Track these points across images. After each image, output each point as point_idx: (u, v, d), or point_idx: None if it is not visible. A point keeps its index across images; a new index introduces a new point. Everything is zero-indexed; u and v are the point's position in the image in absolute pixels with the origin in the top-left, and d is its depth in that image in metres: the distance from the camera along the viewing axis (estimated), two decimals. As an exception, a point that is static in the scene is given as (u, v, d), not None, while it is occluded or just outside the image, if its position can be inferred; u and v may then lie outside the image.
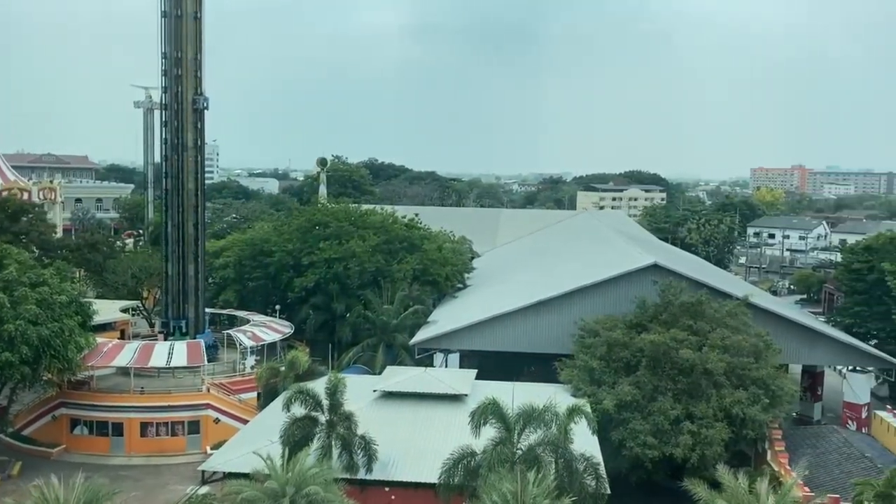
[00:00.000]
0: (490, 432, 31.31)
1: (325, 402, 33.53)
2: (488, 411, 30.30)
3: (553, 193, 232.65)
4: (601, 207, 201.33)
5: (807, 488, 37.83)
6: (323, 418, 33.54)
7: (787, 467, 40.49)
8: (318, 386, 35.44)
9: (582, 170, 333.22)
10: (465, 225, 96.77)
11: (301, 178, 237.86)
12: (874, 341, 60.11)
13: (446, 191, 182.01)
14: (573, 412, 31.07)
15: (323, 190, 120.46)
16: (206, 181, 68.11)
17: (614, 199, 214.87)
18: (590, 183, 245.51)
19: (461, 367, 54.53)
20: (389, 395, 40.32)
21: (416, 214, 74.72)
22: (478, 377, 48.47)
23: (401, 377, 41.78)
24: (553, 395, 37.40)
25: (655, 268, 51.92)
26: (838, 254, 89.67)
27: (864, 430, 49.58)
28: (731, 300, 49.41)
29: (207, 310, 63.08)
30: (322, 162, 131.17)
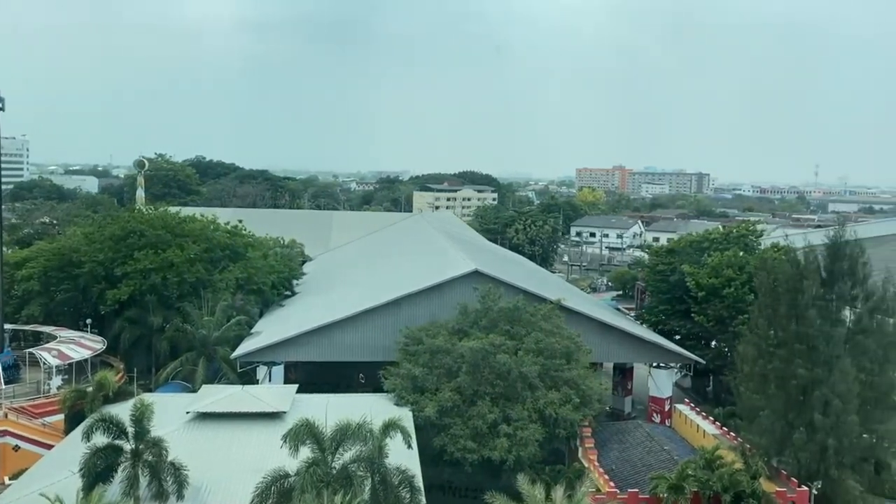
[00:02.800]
0: (309, 450, 30.98)
1: (131, 430, 31.81)
2: (301, 433, 29.94)
3: (390, 193, 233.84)
4: (436, 207, 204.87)
5: (612, 483, 40.40)
6: (128, 446, 31.80)
7: (596, 463, 43.02)
8: (127, 410, 33.58)
9: (420, 168, 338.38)
10: (298, 228, 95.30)
11: (122, 176, 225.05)
12: (678, 336, 64.79)
13: (279, 190, 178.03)
14: (388, 427, 31.36)
15: (141, 194, 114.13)
16: (15, 179, 62.84)
17: (449, 199, 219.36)
18: (426, 183, 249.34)
19: (289, 377, 53.67)
20: (205, 416, 38.89)
21: (241, 221, 72.50)
22: (307, 388, 47.86)
23: (216, 396, 40.37)
24: (371, 409, 37.72)
25: (476, 274, 53.34)
26: (645, 254, 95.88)
27: (666, 423, 53.41)
28: (547, 304, 51.69)
29: (8, 326, 58.21)
30: (140, 164, 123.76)
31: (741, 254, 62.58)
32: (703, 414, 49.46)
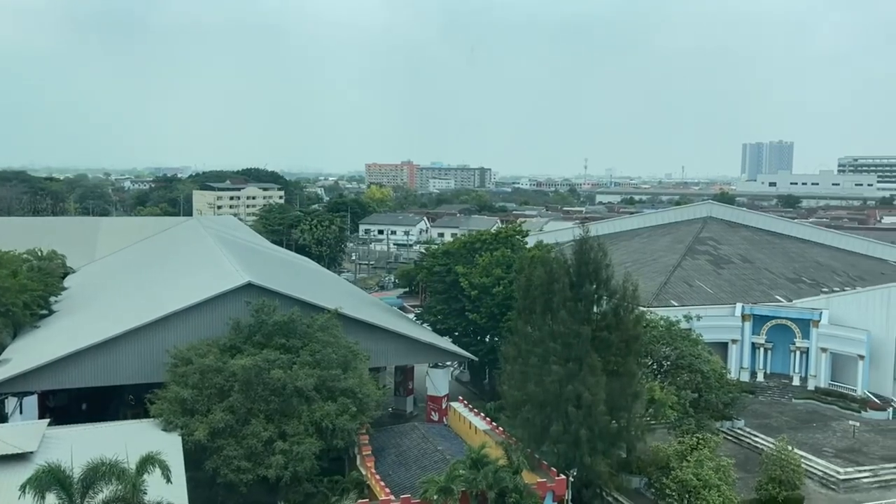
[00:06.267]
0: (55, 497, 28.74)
1: None
2: (43, 479, 27.71)
3: (168, 192, 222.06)
4: (219, 207, 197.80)
5: (388, 490, 41.23)
6: None
7: (373, 470, 43.72)
8: None
9: (202, 165, 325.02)
10: (59, 236, 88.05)
11: None
12: (456, 333, 67.30)
13: (40, 193, 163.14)
14: (146, 462, 29.89)
15: None
16: None
17: (232, 198, 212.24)
18: (207, 181, 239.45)
19: (46, 406, 49.43)
20: (-66, 465, 34.79)
21: (-16, 237, 65.61)
22: (69, 416, 44.03)
23: (-51, 441, 36.24)
24: (134, 440, 35.90)
25: (250, 287, 52.01)
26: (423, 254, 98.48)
27: (444, 421, 55.37)
28: (324, 313, 51.58)
29: None
30: None
31: (509, 253, 66.09)
32: (475, 410, 51.81)
